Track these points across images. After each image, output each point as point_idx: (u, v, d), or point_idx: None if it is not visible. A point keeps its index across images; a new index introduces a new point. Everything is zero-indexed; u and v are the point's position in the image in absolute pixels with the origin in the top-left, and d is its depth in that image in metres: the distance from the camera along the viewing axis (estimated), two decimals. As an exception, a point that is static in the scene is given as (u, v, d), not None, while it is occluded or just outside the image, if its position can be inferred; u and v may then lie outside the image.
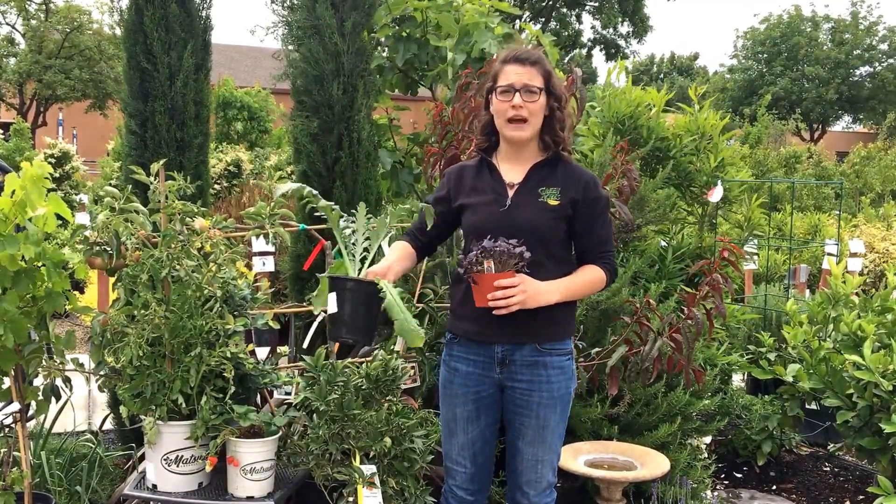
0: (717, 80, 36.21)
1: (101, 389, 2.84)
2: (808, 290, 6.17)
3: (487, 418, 2.45)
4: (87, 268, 2.67)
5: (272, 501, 2.55)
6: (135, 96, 3.71)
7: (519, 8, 29.93)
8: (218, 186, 10.72)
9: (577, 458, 3.13)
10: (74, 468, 3.25)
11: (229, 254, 2.66)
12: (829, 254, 5.67)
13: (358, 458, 2.57)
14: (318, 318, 3.33)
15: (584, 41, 35.71)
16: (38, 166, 2.55)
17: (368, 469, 2.53)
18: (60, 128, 22.46)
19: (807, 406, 4.21)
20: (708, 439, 4.13)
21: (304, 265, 3.56)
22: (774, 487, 4.16)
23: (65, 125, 23.15)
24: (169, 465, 2.55)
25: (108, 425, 3.75)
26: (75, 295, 2.88)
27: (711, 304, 3.20)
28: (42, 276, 2.63)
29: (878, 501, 3.34)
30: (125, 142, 3.77)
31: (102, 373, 2.70)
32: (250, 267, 4.06)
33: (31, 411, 2.79)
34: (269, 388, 2.85)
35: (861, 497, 4.01)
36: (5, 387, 2.70)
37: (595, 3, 33.94)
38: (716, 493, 3.93)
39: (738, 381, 5.29)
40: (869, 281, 8.78)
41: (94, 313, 2.70)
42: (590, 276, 2.41)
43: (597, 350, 3.38)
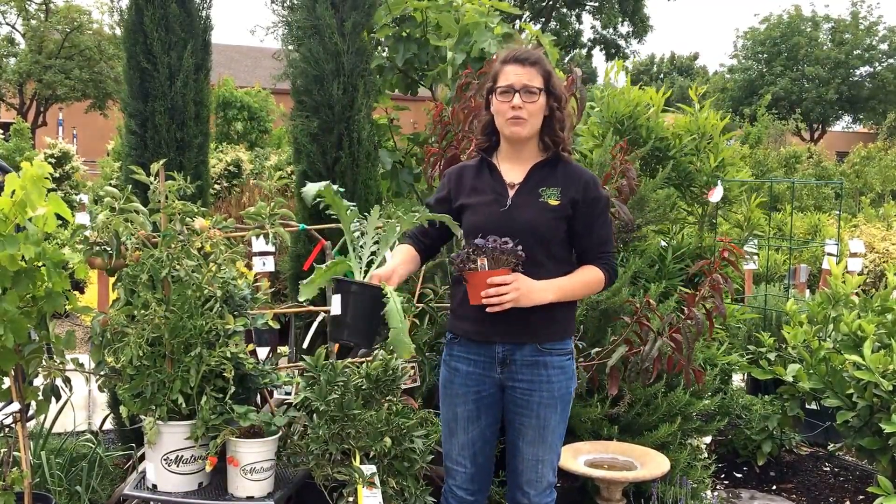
0: (717, 80, 36.19)
1: (101, 389, 2.84)
2: (808, 290, 6.18)
3: (488, 418, 2.45)
4: (87, 268, 2.67)
5: (272, 501, 2.55)
6: (135, 96, 3.71)
7: (519, 8, 29.92)
8: (218, 186, 10.72)
9: (577, 458, 3.13)
10: (74, 468, 3.25)
11: (229, 254, 2.66)
12: (829, 254, 5.67)
13: (358, 458, 2.57)
14: (318, 318, 3.33)
15: (584, 41, 35.70)
16: (38, 166, 2.55)
17: (368, 469, 2.53)
18: (60, 128, 22.45)
19: (807, 406, 4.21)
20: (708, 439, 4.13)
21: (304, 265, 3.56)
22: (774, 487, 4.16)
23: (65, 125, 23.15)
24: (169, 465, 2.55)
25: (108, 425, 3.75)
26: (75, 295, 2.88)
27: (711, 304, 3.20)
28: (42, 276, 2.63)
29: (878, 501, 3.34)
30: (125, 142, 3.77)
31: (102, 373, 2.70)
32: (250, 267, 4.07)
33: (31, 411, 2.79)
34: (269, 388, 2.85)
35: (861, 497, 4.01)
36: (5, 387, 2.70)
37: (595, 3, 33.93)
38: (716, 493, 3.93)
39: (738, 381, 5.29)
40: (869, 281, 8.77)
41: (94, 313, 2.70)
42: (587, 276, 2.40)
43: (597, 350, 3.38)
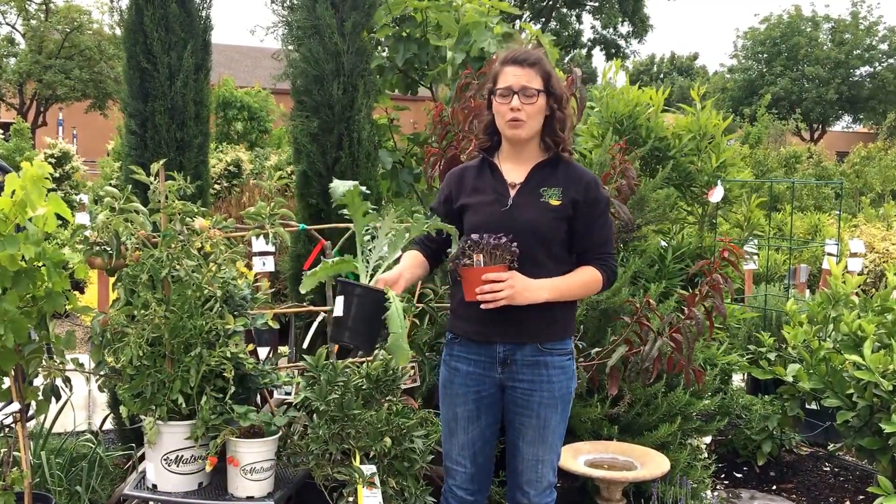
0: (717, 80, 36.19)
1: (101, 389, 2.85)
2: (808, 290, 6.17)
3: (488, 418, 2.45)
4: (87, 268, 2.67)
5: (272, 501, 2.55)
6: (135, 96, 3.71)
7: (519, 8, 29.92)
8: (218, 186, 10.72)
9: (577, 458, 3.13)
10: (74, 468, 3.25)
11: (229, 254, 2.66)
12: (829, 254, 5.67)
13: (358, 458, 2.57)
14: (318, 318, 3.33)
15: (584, 41, 35.70)
16: (38, 166, 2.55)
17: (368, 469, 2.53)
18: (60, 128, 22.46)
19: (807, 406, 4.21)
20: (708, 439, 4.13)
21: (304, 265, 3.56)
22: (774, 487, 4.16)
23: (65, 125, 23.16)
24: (169, 465, 2.55)
25: (108, 425, 3.75)
26: (75, 295, 2.88)
27: (711, 304, 3.20)
28: (42, 276, 2.63)
29: (878, 501, 3.34)
30: (125, 142, 3.77)
31: (102, 373, 2.70)
32: (250, 267, 4.06)
33: (31, 411, 2.78)
34: (269, 388, 2.85)
35: (861, 497, 4.01)
36: (5, 387, 2.70)
37: (595, 3, 33.93)
38: (716, 493, 3.93)
39: (738, 381, 5.29)
40: (869, 281, 8.77)
41: (94, 313, 2.70)
42: (585, 277, 2.39)
43: (597, 350, 3.38)
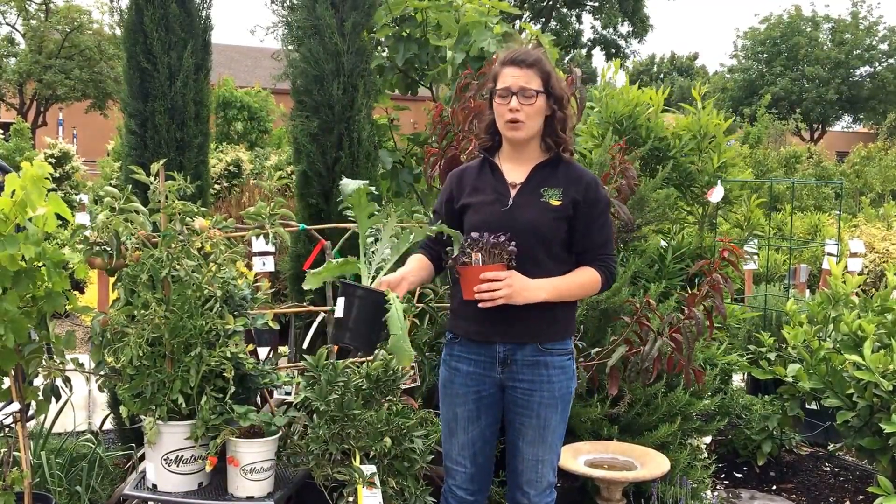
0: (717, 80, 36.18)
1: (101, 389, 2.85)
2: (808, 290, 6.17)
3: (488, 418, 2.45)
4: (87, 268, 2.67)
5: (272, 501, 2.55)
6: (135, 96, 3.71)
7: (519, 8, 29.91)
8: (218, 186, 10.72)
9: (577, 458, 3.13)
10: (74, 468, 3.25)
11: (229, 254, 2.66)
12: (829, 254, 5.67)
13: (358, 458, 2.57)
14: (318, 318, 3.33)
15: (584, 41, 35.70)
16: (39, 166, 2.55)
17: (368, 469, 2.53)
18: (60, 128, 22.46)
19: (807, 406, 4.21)
20: (708, 439, 4.13)
21: (304, 265, 3.56)
22: (774, 487, 4.16)
23: (65, 125, 23.16)
24: (169, 465, 2.55)
25: (108, 425, 3.75)
26: (75, 295, 2.88)
27: (711, 304, 3.20)
28: (42, 276, 2.63)
29: (878, 501, 3.34)
30: (125, 142, 3.77)
31: (102, 373, 2.70)
32: (250, 267, 4.07)
33: (31, 411, 2.79)
34: (269, 388, 2.85)
35: (861, 497, 4.01)
36: (5, 387, 2.70)
37: (595, 3, 33.94)
38: (716, 493, 3.93)
39: (738, 381, 5.29)
40: (869, 281, 8.77)
41: (94, 313, 2.70)
42: (584, 277, 2.39)
43: (597, 350, 3.38)
